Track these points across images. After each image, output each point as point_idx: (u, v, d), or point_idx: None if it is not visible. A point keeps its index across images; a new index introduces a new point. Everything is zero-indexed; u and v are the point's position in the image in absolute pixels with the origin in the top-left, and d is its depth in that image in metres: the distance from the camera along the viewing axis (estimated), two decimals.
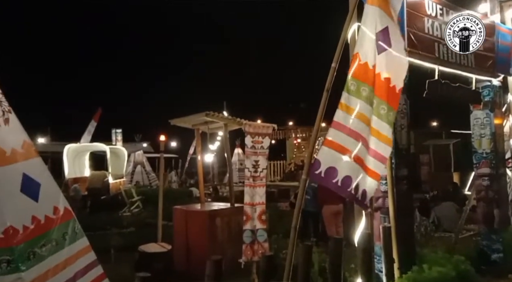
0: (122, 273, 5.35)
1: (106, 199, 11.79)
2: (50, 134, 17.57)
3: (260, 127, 5.31)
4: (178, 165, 22.47)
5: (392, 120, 3.48)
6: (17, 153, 3.24)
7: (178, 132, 18.57)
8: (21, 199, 3.10)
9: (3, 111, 3.28)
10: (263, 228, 5.06)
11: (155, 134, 20.31)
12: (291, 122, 21.50)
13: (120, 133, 19.67)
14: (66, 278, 3.18)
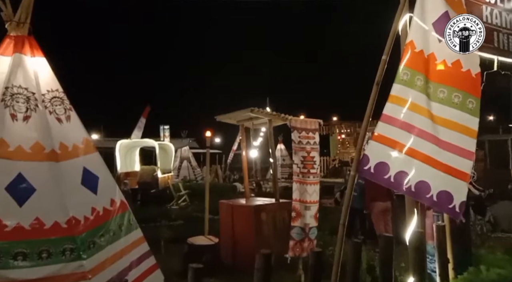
0: (172, 264, 5.56)
1: (155, 193, 12.26)
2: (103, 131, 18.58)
3: (306, 123, 5.26)
4: (222, 160, 22.89)
5: (473, 108, 3.09)
6: (78, 148, 3.46)
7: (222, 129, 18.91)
8: (82, 191, 3.31)
9: (65, 109, 3.52)
10: (316, 226, 5.02)
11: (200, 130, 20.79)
12: (335, 118, 21.10)
13: (168, 129, 20.35)
14: (123, 267, 3.36)
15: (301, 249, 4.82)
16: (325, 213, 8.39)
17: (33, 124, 3.17)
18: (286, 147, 23.07)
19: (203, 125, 14.73)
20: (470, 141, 3.04)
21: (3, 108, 3.09)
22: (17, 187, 2.92)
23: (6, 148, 3.00)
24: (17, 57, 3.28)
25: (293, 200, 5.04)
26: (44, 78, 3.40)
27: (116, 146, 13.43)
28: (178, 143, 20.96)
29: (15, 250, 2.75)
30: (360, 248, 2.94)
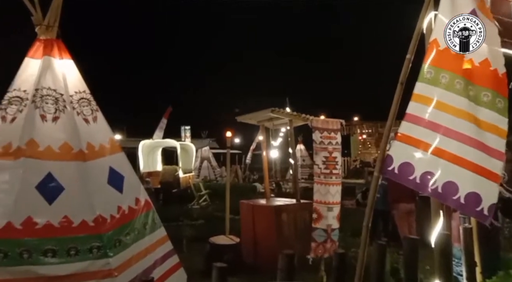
0: (194, 263, 5.62)
1: (177, 192, 12.41)
2: (126, 131, 18.96)
3: (328, 123, 5.22)
4: (241, 160, 22.97)
5: (502, 107, 2.98)
6: (104, 148, 3.54)
7: (241, 129, 18.98)
8: (108, 190, 3.39)
9: (92, 110, 3.61)
10: (338, 228, 4.97)
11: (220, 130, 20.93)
12: (356, 118, 20.83)
13: (189, 130, 20.57)
14: (147, 265, 3.42)
15: (323, 250, 4.78)
16: (347, 214, 8.29)
17: (62, 125, 3.27)
18: (306, 147, 22.96)
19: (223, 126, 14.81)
20: (500, 141, 2.92)
21: (33, 109, 3.20)
22: (47, 186, 3.02)
23: (36, 148, 3.11)
24: (46, 59, 3.40)
25: (314, 201, 5.00)
26: (71, 80, 3.51)
27: (139, 146, 13.67)
28: (198, 143, 21.16)
29: (45, 247, 2.84)
30: (385, 250, 2.90)
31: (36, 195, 2.95)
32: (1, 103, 3.27)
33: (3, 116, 3.22)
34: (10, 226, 2.78)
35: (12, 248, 2.74)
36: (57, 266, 2.83)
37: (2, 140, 3.12)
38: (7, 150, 3.07)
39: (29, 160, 3.02)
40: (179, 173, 13.02)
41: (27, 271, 2.74)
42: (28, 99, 3.23)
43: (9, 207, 2.83)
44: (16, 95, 3.28)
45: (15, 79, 3.36)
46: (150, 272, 3.37)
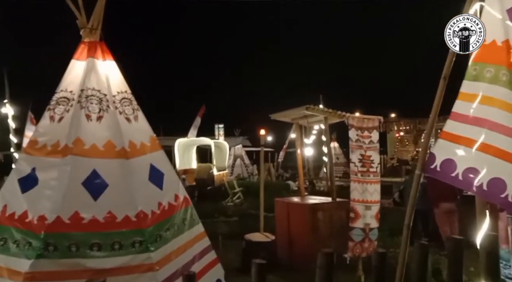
0: (230, 259, 5.70)
1: (211, 190, 12.61)
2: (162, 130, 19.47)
3: (365, 120, 5.11)
4: (274, 158, 22.96)
5: None
6: (145, 146, 3.65)
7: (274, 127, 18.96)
8: (149, 187, 3.49)
9: (133, 109, 3.73)
10: (377, 227, 4.87)
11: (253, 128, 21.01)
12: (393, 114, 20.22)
13: (222, 128, 20.81)
14: (186, 261, 3.49)
15: (361, 249, 4.70)
16: (384, 213, 8.08)
17: (105, 124, 3.40)
18: (340, 145, 22.61)
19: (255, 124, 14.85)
20: None
21: (79, 109, 3.35)
22: (92, 182, 3.15)
23: (82, 146, 3.25)
24: (90, 61, 3.55)
25: (351, 200, 4.92)
26: (114, 81, 3.64)
27: (175, 144, 13.99)
28: (231, 141, 21.37)
29: (91, 241, 2.97)
30: (427, 251, 2.80)
31: (83, 191, 3.09)
32: (50, 104, 3.45)
33: (52, 116, 3.39)
34: (59, 220, 2.93)
35: (61, 241, 2.88)
36: (102, 260, 2.94)
37: (50, 139, 3.29)
38: (56, 148, 3.24)
39: (76, 158, 3.16)
40: (213, 170, 13.21)
41: (75, 263, 2.87)
42: (74, 100, 3.38)
43: (58, 202, 2.98)
44: (63, 96, 3.45)
45: (62, 81, 3.53)
46: (189, 267, 3.43)
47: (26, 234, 2.92)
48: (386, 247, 5.00)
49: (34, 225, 2.92)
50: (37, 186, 3.12)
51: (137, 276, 3.00)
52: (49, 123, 3.37)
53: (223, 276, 3.98)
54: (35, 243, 2.84)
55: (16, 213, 3.06)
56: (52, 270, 2.80)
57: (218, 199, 12.28)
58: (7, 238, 2.99)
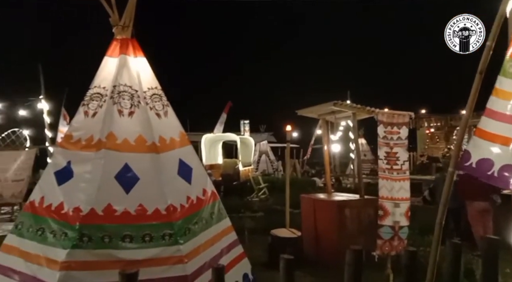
0: (257, 254, 5.72)
1: (237, 185, 12.70)
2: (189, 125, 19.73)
3: (395, 116, 4.99)
4: (299, 155, 22.83)
5: None
6: (174, 141, 3.72)
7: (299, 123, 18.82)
8: (178, 181, 3.56)
9: (163, 105, 3.80)
10: (407, 225, 4.77)
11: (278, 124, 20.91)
12: (423, 110, 19.58)
13: (248, 124, 20.85)
14: (214, 254, 3.54)
15: (390, 247, 4.61)
16: (413, 211, 7.88)
17: (137, 119, 3.49)
18: (367, 141, 22.21)
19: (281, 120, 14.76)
20: None
21: (111, 105, 3.45)
22: (124, 176, 3.25)
23: (115, 140, 3.35)
24: (122, 58, 3.64)
25: (380, 197, 4.83)
26: (145, 77, 3.72)
27: (202, 140, 14.15)
28: (257, 137, 21.39)
29: (123, 233, 3.06)
30: (460, 250, 2.71)
31: (115, 184, 3.19)
32: (84, 99, 3.57)
33: (86, 111, 3.51)
34: (93, 212, 3.04)
35: (95, 232, 2.99)
36: (134, 251, 3.03)
37: (85, 133, 3.41)
38: (90, 142, 3.35)
39: (109, 152, 3.27)
40: (239, 166, 13.28)
41: (108, 254, 2.97)
42: (107, 96, 3.49)
43: (92, 195, 3.09)
44: (97, 92, 3.56)
45: (96, 77, 3.64)
46: (217, 260, 3.48)
47: (62, 225, 3.04)
48: (416, 246, 4.88)
49: (70, 216, 3.04)
50: (72, 178, 3.25)
51: (167, 268, 3.06)
52: (83, 118, 3.49)
53: (250, 270, 4.01)
54: (70, 234, 2.96)
55: (53, 205, 3.19)
56: (86, 260, 2.90)
57: (244, 194, 12.35)
58: (44, 228, 3.12)
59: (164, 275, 3.03)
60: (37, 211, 3.25)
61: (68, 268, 2.82)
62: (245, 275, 3.88)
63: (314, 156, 22.71)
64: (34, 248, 3.07)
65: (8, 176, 10.66)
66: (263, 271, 4.90)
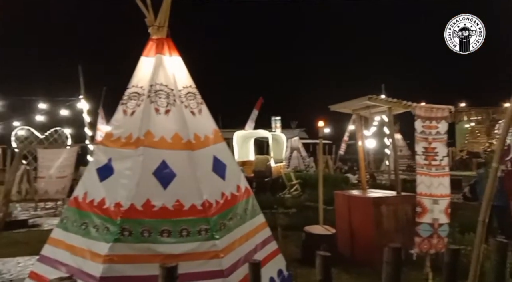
0: (290, 251, 5.73)
1: (269, 181, 12.72)
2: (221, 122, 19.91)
3: (433, 110, 4.81)
4: (332, 151, 22.55)
5: None
6: (208, 138, 3.78)
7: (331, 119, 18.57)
8: (213, 177, 3.62)
9: (197, 103, 3.87)
10: (448, 223, 4.61)
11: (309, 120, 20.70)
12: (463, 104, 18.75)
13: (279, 120, 20.78)
14: (249, 250, 3.57)
15: (429, 245, 4.47)
16: (453, 209, 7.61)
17: (173, 117, 3.57)
18: (403, 136, 21.60)
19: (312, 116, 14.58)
20: None
21: (149, 103, 3.55)
22: (162, 172, 3.33)
23: (152, 138, 3.44)
24: (158, 58, 3.73)
25: (418, 194, 4.68)
26: (180, 76, 3.79)
27: (234, 136, 14.26)
28: (288, 133, 21.28)
29: (162, 227, 3.14)
30: (506, 249, 2.59)
31: (153, 180, 3.28)
32: (123, 99, 3.69)
33: (124, 110, 3.63)
34: (133, 207, 3.14)
35: (135, 227, 3.09)
36: (172, 245, 3.11)
37: (124, 131, 3.53)
38: (129, 140, 3.47)
39: (147, 149, 3.36)
40: (270, 162, 13.28)
41: (147, 248, 3.06)
42: (145, 95, 3.59)
43: (132, 191, 3.19)
44: (134, 91, 3.67)
45: (133, 77, 3.76)
46: (251, 255, 3.50)
47: (105, 220, 3.17)
48: (456, 244, 4.71)
49: (111, 211, 3.16)
50: (113, 175, 3.37)
51: (203, 262, 3.12)
52: (122, 117, 3.61)
53: (284, 266, 4.01)
54: (112, 228, 3.07)
55: (95, 200, 3.33)
56: (127, 253, 3.01)
57: (276, 191, 12.35)
58: (88, 222, 3.27)
59: (200, 269, 3.09)
60: (81, 206, 3.40)
61: (110, 261, 2.93)
62: (280, 271, 3.88)
63: (347, 151, 22.31)
64: (78, 241, 3.22)
65: (52, 173, 11.24)
66: (297, 268, 4.90)
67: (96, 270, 2.91)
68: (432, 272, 4.39)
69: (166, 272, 1.96)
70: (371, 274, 4.65)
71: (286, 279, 3.91)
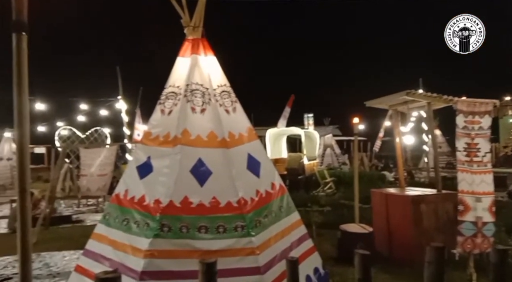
0: (325, 248, 5.68)
1: (302, 179, 12.63)
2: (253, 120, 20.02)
3: (476, 105, 4.60)
4: (367, 148, 22.05)
5: None
6: (243, 136, 3.81)
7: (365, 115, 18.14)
8: (247, 175, 3.65)
9: (232, 102, 3.91)
10: (493, 221, 4.40)
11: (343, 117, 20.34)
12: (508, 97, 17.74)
13: (312, 117, 20.59)
14: (284, 247, 3.57)
15: (472, 245, 4.28)
16: (498, 207, 7.25)
17: (208, 116, 3.63)
18: (442, 132, 20.78)
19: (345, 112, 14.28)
20: None
21: (185, 102, 3.63)
22: (199, 170, 3.40)
23: (189, 136, 3.52)
24: (194, 58, 3.80)
25: (459, 191, 4.49)
26: (215, 75, 3.85)
27: (266, 134, 14.28)
28: (321, 131, 21.04)
29: (199, 224, 3.21)
30: None
31: (191, 178, 3.35)
32: (160, 99, 3.80)
33: (162, 110, 3.73)
34: (172, 204, 3.23)
35: (174, 223, 3.17)
36: (209, 242, 3.17)
37: (162, 130, 3.63)
38: (167, 138, 3.56)
39: (184, 147, 3.44)
40: (303, 160, 13.18)
41: (186, 244, 3.13)
42: (181, 94, 3.67)
43: (170, 188, 3.28)
44: (172, 91, 3.76)
45: (170, 77, 3.85)
46: (287, 253, 3.50)
47: (145, 216, 3.27)
48: (502, 244, 4.49)
49: (151, 208, 3.27)
50: (152, 172, 3.48)
51: (240, 258, 3.16)
52: (160, 116, 3.71)
53: (320, 264, 3.99)
54: (152, 224, 3.17)
55: (136, 197, 3.45)
56: (167, 249, 3.09)
57: (309, 189, 12.25)
58: (129, 218, 3.39)
59: (237, 266, 3.12)
60: (122, 203, 3.53)
61: (151, 256, 3.03)
62: (316, 269, 3.86)
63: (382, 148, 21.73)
64: (120, 237, 3.34)
65: (93, 171, 11.74)
66: (333, 266, 4.85)
67: (138, 265, 3.01)
68: (475, 272, 4.21)
69: (205, 268, 1.99)
70: (410, 274, 4.52)
71: (323, 277, 3.88)
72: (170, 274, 3.00)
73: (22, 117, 2.14)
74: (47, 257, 6.07)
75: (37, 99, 14.54)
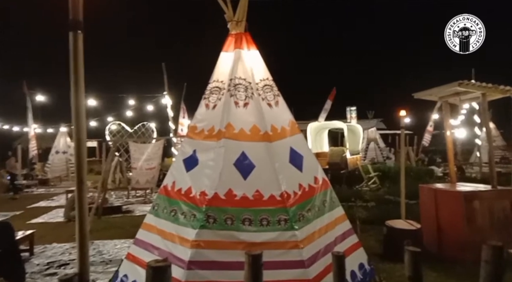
0: (370, 244, 5.55)
1: (345, 174, 12.39)
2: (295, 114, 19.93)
3: None
4: (413, 141, 21.21)
5: None
6: (285, 130, 3.80)
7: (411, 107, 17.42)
8: (290, 169, 3.64)
9: (274, 95, 3.91)
10: None
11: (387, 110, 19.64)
12: None
13: (355, 111, 20.13)
14: (328, 241, 3.53)
15: None
16: None
17: (251, 110, 3.66)
18: (496, 125, 19.51)
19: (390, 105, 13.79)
20: None
21: (229, 97, 3.67)
22: (242, 163, 3.44)
23: (232, 130, 3.57)
24: (237, 52, 3.83)
25: None
26: (257, 69, 3.86)
27: (307, 128, 14.13)
28: (364, 124, 20.49)
29: (243, 216, 3.25)
30: None
31: (234, 171, 3.40)
32: (205, 93, 3.87)
33: (207, 104, 3.81)
34: (217, 196, 3.30)
35: (219, 214, 3.24)
36: (253, 234, 3.20)
37: (207, 124, 3.70)
38: (211, 132, 3.63)
39: (228, 141, 3.49)
40: (346, 154, 12.92)
41: (230, 235, 3.19)
42: (225, 89, 3.72)
43: (215, 180, 3.35)
44: (216, 85, 3.82)
45: (214, 72, 3.91)
46: (331, 248, 3.47)
47: (191, 207, 3.37)
48: None
49: (197, 199, 3.35)
50: (198, 165, 3.57)
51: (284, 252, 3.17)
52: (205, 111, 3.79)
53: (366, 260, 3.91)
54: (198, 215, 3.26)
55: (183, 189, 3.56)
56: (213, 239, 3.17)
57: (353, 183, 11.99)
58: (176, 209, 3.50)
59: (281, 259, 3.14)
60: (170, 194, 3.66)
61: (198, 246, 3.11)
62: (361, 265, 3.79)
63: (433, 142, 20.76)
64: (168, 227, 3.46)
65: (142, 164, 12.26)
66: (379, 262, 4.73)
67: (185, 254, 3.11)
68: None
69: (251, 260, 2.02)
70: (462, 273, 4.31)
71: (368, 273, 3.80)
72: (216, 264, 3.07)
73: (78, 113, 2.26)
74: (100, 245, 6.43)
75: (89, 95, 15.32)
